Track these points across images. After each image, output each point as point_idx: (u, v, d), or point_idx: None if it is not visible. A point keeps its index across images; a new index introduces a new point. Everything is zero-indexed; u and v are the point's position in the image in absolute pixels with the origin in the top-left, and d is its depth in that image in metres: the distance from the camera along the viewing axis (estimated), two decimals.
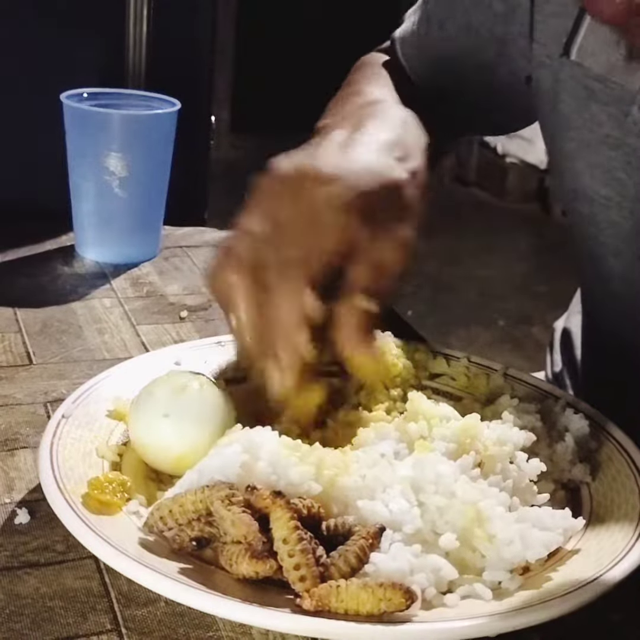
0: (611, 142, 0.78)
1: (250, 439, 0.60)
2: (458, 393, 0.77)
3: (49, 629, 0.54)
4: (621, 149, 0.78)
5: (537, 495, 0.62)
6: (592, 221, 0.83)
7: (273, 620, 0.51)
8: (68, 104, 1.05)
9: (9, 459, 0.70)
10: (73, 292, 1.01)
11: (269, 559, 0.54)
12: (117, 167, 1.05)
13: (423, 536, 0.57)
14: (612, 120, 0.78)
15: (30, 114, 1.24)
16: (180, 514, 0.56)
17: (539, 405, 0.71)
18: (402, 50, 0.95)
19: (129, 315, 0.97)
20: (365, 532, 0.55)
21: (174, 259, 1.13)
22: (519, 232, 4.34)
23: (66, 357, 0.87)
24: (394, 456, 0.62)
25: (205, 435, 0.64)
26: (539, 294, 3.61)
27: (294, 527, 0.54)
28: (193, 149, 1.33)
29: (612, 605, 0.56)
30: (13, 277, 1.04)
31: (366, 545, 0.54)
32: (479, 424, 0.64)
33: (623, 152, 0.78)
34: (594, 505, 0.65)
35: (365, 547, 0.54)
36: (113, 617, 0.56)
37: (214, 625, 0.55)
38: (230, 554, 0.54)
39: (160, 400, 0.65)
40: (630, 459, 0.67)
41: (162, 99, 1.10)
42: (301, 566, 0.53)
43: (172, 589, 0.52)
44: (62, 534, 0.60)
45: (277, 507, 0.54)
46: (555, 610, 0.52)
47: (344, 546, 0.55)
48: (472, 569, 0.56)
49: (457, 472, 0.59)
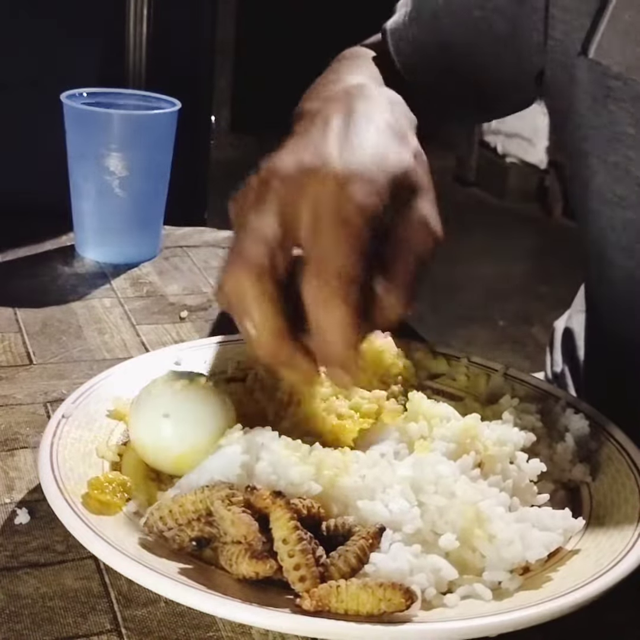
0: (628, 140, 0.78)
1: (250, 439, 0.60)
2: (458, 393, 0.77)
3: (48, 629, 0.54)
4: (638, 148, 0.77)
5: (537, 496, 0.62)
6: (606, 221, 0.83)
7: (273, 620, 0.51)
8: (68, 104, 1.05)
9: (9, 459, 0.70)
10: (73, 292, 1.01)
11: (269, 559, 0.53)
12: (117, 167, 1.05)
13: (423, 536, 0.57)
14: (630, 118, 0.77)
15: (30, 114, 1.24)
16: (180, 514, 0.56)
17: (539, 405, 0.71)
18: (393, 42, 0.92)
19: (129, 315, 0.97)
20: (365, 532, 0.55)
21: (174, 259, 1.13)
22: (519, 232, 4.34)
23: (66, 357, 0.87)
24: (394, 456, 0.62)
25: (205, 435, 0.64)
26: (539, 294, 3.61)
27: (294, 527, 0.54)
28: (193, 149, 1.33)
29: (612, 605, 0.56)
30: (13, 277, 1.04)
31: (366, 545, 0.54)
32: (479, 424, 0.64)
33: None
34: (594, 505, 0.64)
35: (365, 548, 0.54)
36: (113, 617, 0.56)
37: (213, 626, 0.55)
38: (230, 554, 0.54)
39: (160, 400, 0.65)
40: (630, 459, 0.67)
41: (162, 99, 1.10)
42: (301, 566, 0.53)
43: (172, 589, 0.52)
44: (62, 534, 0.60)
45: (277, 507, 0.54)
46: (555, 610, 0.52)
47: (344, 546, 0.55)
48: (472, 569, 0.56)
49: (457, 472, 0.60)
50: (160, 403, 0.65)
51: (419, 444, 0.62)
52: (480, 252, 4.01)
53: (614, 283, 0.86)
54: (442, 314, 3.26)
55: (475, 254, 3.99)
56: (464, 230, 4.26)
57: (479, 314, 3.46)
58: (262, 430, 0.61)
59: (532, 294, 3.64)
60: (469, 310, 3.47)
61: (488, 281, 3.74)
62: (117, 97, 1.11)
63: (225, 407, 0.66)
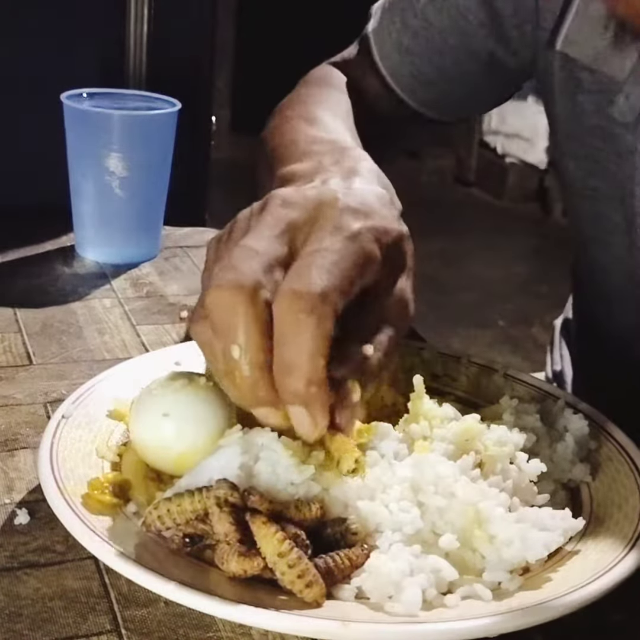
0: (599, 132, 0.78)
1: (249, 440, 0.60)
2: (458, 393, 0.77)
3: (48, 629, 0.54)
4: (609, 140, 0.78)
5: (537, 496, 0.62)
6: (581, 214, 0.83)
7: (273, 620, 0.51)
8: (68, 104, 1.05)
9: (9, 460, 0.70)
10: (73, 292, 1.01)
11: (256, 556, 0.54)
12: (117, 167, 1.05)
13: (423, 537, 0.57)
14: (599, 110, 0.77)
15: (30, 114, 1.24)
16: (179, 513, 0.56)
17: (539, 405, 0.71)
18: (377, 46, 0.91)
19: (129, 316, 0.97)
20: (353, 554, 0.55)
21: (174, 259, 1.13)
22: (519, 232, 4.35)
23: (66, 358, 0.87)
24: (394, 456, 0.62)
25: (205, 435, 0.64)
26: (539, 294, 3.61)
27: (283, 538, 0.53)
28: (193, 149, 1.33)
29: (612, 605, 0.56)
30: (13, 277, 1.04)
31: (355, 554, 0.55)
32: (479, 424, 0.64)
33: (611, 143, 0.77)
34: (594, 505, 0.64)
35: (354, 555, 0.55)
36: (113, 617, 0.56)
37: (213, 626, 0.55)
38: (223, 552, 0.55)
39: (160, 400, 0.65)
40: (630, 459, 0.67)
41: (162, 99, 1.10)
42: (304, 573, 0.53)
43: (171, 590, 0.52)
44: (62, 534, 0.60)
45: (259, 526, 0.54)
46: (555, 610, 0.52)
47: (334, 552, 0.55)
48: (472, 569, 0.56)
49: (457, 472, 0.59)
50: (160, 403, 0.65)
51: (419, 445, 0.62)
52: (480, 252, 4.01)
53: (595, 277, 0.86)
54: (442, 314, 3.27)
55: (475, 254, 3.99)
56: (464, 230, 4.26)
57: (479, 314, 3.46)
58: (261, 430, 0.61)
59: (532, 294, 3.64)
60: (469, 310, 3.47)
61: (488, 281, 3.74)
62: (117, 97, 1.11)
63: (225, 407, 0.66)
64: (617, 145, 0.77)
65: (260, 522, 0.54)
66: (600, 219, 0.81)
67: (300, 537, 0.55)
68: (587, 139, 0.79)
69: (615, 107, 0.75)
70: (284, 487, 0.57)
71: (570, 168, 0.82)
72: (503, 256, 4.01)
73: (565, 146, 0.82)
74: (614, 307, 0.87)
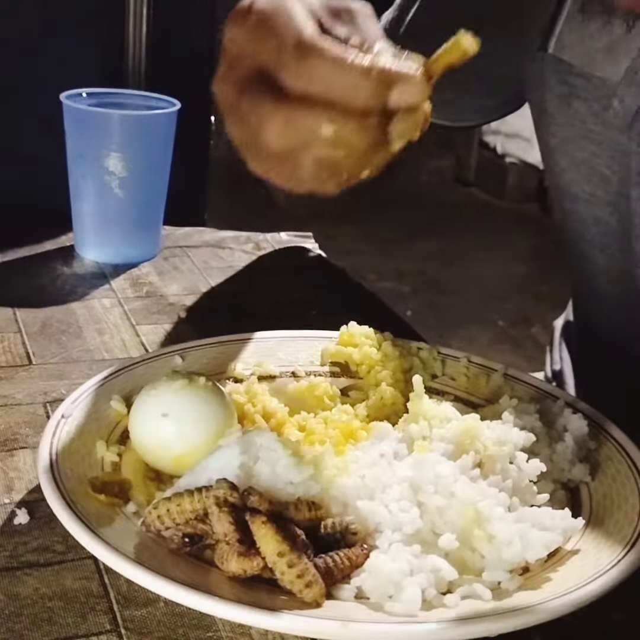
0: (594, 137, 0.78)
1: (249, 440, 0.60)
2: (458, 393, 0.77)
3: (48, 629, 0.54)
4: (604, 144, 0.77)
5: (536, 496, 0.62)
6: (577, 218, 0.83)
7: (272, 620, 0.51)
8: (68, 104, 1.05)
9: (9, 459, 0.70)
10: (73, 292, 1.01)
11: (255, 556, 0.54)
12: (117, 167, 1.05)
13: (423, 536, 0.57)
14: (594, 115, 0.77)
15: (30, 114, 1.24)
16: (178, 513, 0.56)
17: (539, 405, 0.71)
18: None
19: (128, 316, 0.97)
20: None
21: (174, 259, 1.13)
22: (519, 232, 4.34)
23: (66, 357, 0.87)
24: (394, 456, 0.62)
25: (205, 435, 0.64)
26: (538, 294, 3.61)
27: (282, 538, 0.54)
28: (193, 149, 1.33)
29: (612, 605, 0.56)
30: (13, 277, 1.04)
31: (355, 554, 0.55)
32: (479, 424, 0.64)
33: (606, 147, 0.77)
34: (593, 505, 0.64)
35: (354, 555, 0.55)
36: (112, 617, 0.55)
37: (213, 626, 0.55)
38: (222, 552, 0.55)
39: (160, 400, 0.65)
40: (629, 458, 0.67)
41: (162, 99, 1.10)
42: (304, 573, 0.53)
43: (171, 590, 0.52)
44: (61, 534, 0.60)
45: (259, 526, 0.54)
46: (555, 610, 0.52)
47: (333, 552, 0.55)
48: (471, 569, 0.56)
49: (456, 472, 0.59)
50: (160, 403, 0.65)
51: (419, 444, 0.62)
52: (480, 252, 4.01)
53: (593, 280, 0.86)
54: (442, 314, 3.27)
55: (475, 254, 3.99)
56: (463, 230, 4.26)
57: (479, 314, 3.46)
58: (261, 430, 0.61)
59: (532, 294, 3.64)
60: (469, 310, 3.47)
61: (488, 281, 3.74)
62: (117, 97, 1.11)
63: (225, 407, 0.66)
64: (612, 150, 0.77)
65: (259, 521, 0.54)
66: (597, 222, 0.81)
67: (300, 537, 0.55)
68: (583, 144, 0.79)
69: (610, 111, 0.75)
70: (283, 486, 0.57)
71: (567, 172, 0.82)
72: (503, 256, 4.01)
73: (563, 151, 0.82)
74: (612, 308, 0.87)
